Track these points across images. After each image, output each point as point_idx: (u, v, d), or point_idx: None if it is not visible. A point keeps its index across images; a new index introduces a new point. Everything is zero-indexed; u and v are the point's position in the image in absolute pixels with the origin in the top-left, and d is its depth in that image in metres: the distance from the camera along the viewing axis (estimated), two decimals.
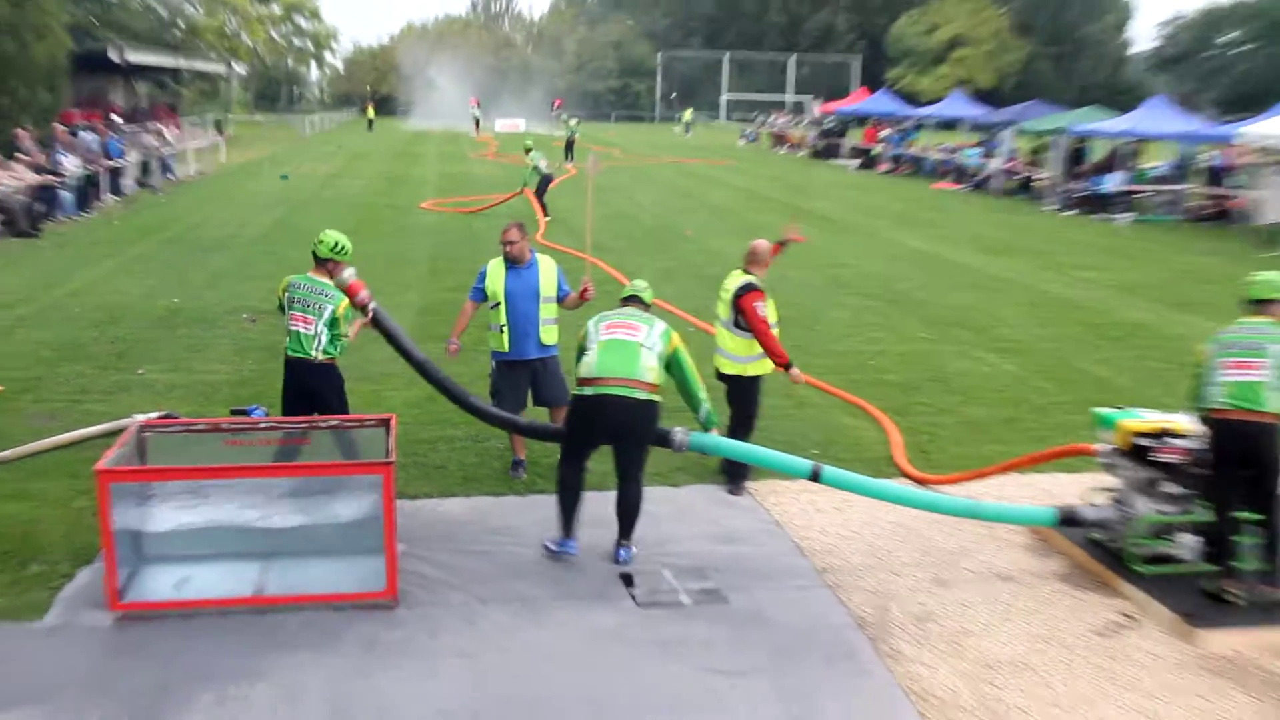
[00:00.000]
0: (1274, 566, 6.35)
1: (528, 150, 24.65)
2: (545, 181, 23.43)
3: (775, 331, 8.06)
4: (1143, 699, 5.49)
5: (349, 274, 7.05)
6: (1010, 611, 6.40)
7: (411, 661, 5.67)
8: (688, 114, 74.79)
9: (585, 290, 8.15)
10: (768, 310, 7.98)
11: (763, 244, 8.30)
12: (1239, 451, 6.49)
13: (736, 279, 8.14)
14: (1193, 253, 21.33)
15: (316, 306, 7.10)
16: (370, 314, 7.02)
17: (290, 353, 7.20)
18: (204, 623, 5.96)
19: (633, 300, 7.30)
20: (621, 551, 6.90)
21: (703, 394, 7.18)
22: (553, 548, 6.88)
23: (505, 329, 7.95)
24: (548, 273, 8.12)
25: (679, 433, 6.83)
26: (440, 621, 6.10)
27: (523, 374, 8.11)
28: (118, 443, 6.35)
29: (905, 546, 7.24)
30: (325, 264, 7.23)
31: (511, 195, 24.35)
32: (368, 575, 6.30)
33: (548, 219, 22.34)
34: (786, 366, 7.94)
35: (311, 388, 7.20)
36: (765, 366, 8.14)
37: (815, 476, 6.71)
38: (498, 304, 7.94)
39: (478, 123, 66.25)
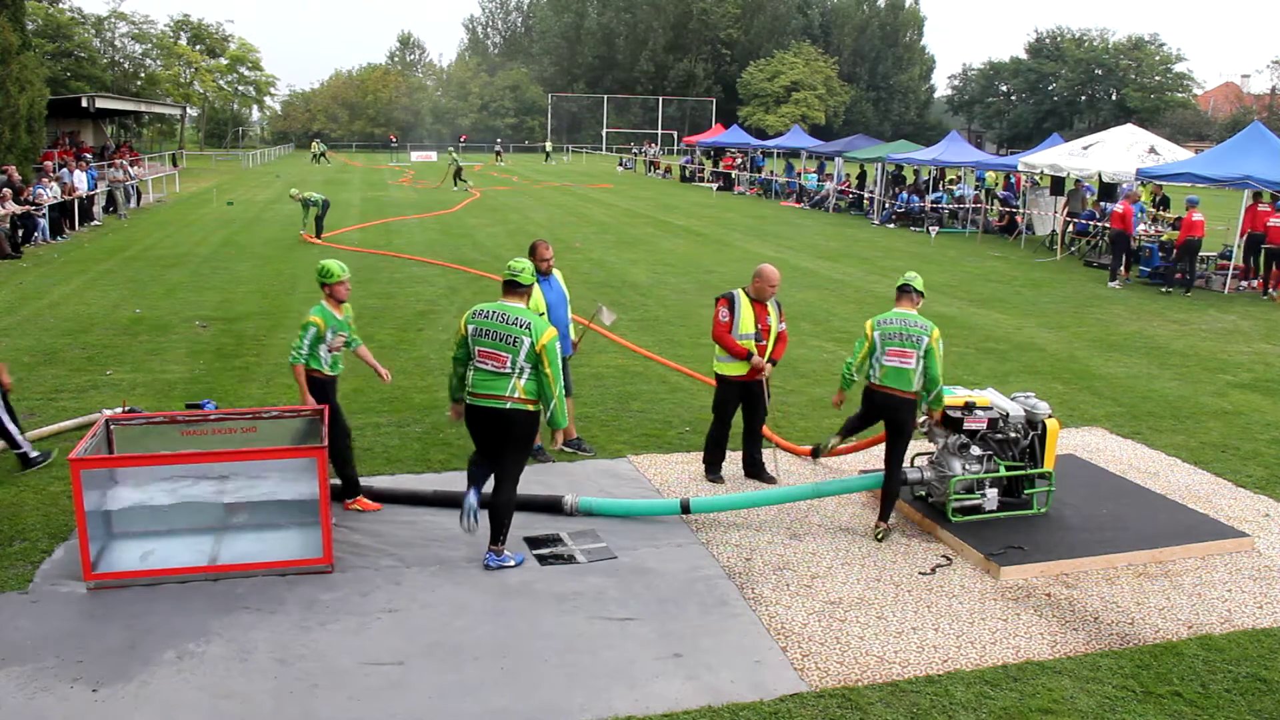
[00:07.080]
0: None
1: (292, 194, 23.89)
2: (312, 204, 22.74)
3: (776, 335, 7.73)
4: (956, 624, 5.60)
5: None
6: (851, 557, 6.46)
7: (347, 618, 5.55)
8: (549, 145, 74.21)
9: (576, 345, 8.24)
10: (740, 319, 7.52)
11: (765, 268, 7.80)
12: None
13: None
14: (985, 258, 21.98)
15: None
16: None
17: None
18: (166, 590, 5.84)
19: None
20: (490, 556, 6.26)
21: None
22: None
23: None
24: (563, 282, 8.12)
25: (569, 497, 6.95)
26: (371, 583, 5.96)
27: (566, 366, 7.90)
28: (88, 434, 6.23)
29: (764, 507, 7.23)
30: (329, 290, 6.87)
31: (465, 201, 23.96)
32: (307, 545, 6.21)
33: (315, 240, 22.48)
34: (746, 357, 7.51)
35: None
36: (730, 368, 7.62)
37: (685, 509, 6.78)
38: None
39: (394, 154, 68.21)
